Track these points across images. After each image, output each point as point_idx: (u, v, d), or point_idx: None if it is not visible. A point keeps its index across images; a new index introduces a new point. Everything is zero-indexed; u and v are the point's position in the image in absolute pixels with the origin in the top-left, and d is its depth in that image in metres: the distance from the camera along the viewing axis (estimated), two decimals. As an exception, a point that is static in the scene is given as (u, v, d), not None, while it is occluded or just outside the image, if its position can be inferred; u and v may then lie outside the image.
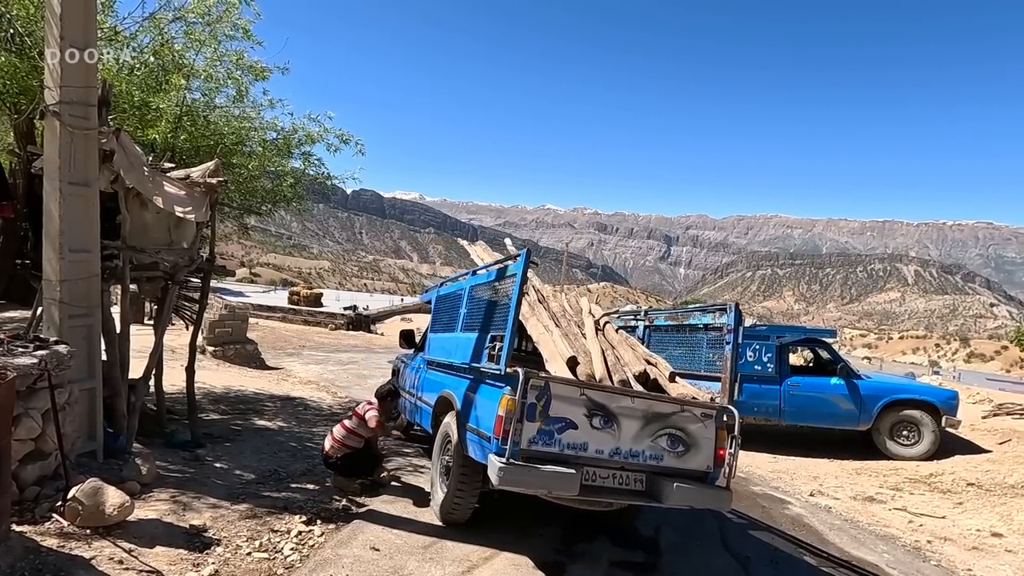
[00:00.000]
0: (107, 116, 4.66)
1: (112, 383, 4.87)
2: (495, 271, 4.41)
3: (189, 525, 3.68)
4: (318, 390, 10.41)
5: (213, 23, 6.72)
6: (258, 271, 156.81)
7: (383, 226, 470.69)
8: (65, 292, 4.32)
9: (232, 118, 6.90)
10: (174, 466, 4.85)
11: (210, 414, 7.21)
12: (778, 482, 7.17)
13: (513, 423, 3.38)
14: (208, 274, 5.91)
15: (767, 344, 8.62)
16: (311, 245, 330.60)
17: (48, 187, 4.29)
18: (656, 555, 4.36)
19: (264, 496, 4.50)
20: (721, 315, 4.36)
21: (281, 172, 7.23)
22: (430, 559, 3.70)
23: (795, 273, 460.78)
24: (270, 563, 3.39)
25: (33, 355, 3.56)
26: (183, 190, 5.25)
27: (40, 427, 3.66)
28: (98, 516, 3.26)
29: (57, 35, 4.19)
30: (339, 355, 16.56)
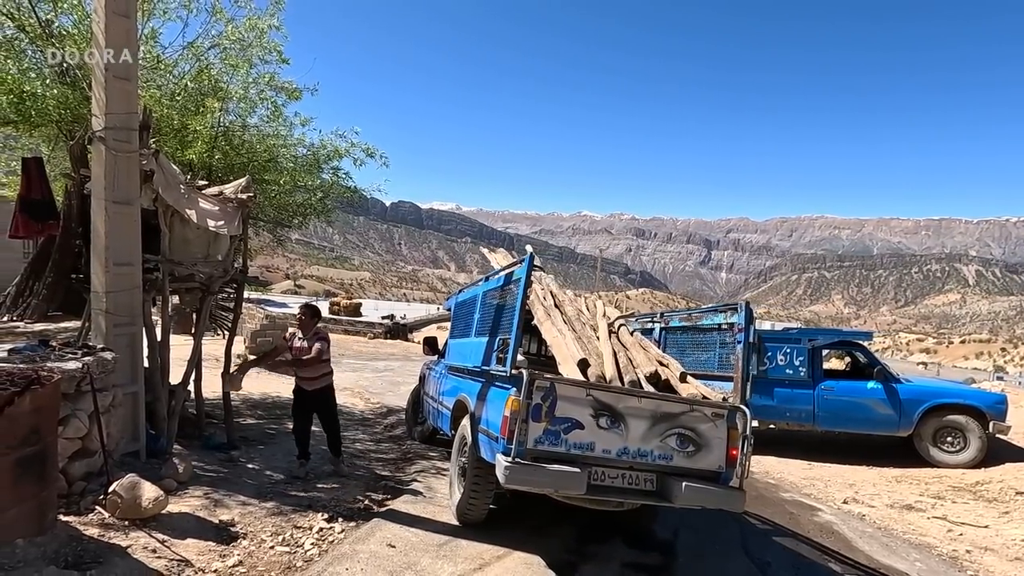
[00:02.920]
0: (148, 139, 5.02)
1: (154, 388, 5.21)
2: (503, 276, 4.52)
3: (219, 520, 3.91)
4: (352, 396, 10.71)
5: (247, 47, 7.13)
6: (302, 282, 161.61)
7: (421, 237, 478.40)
8: (110, 303, 4.67)
9: (264, 137, 7.29)
10: (210, 466, 5.13)
11: (247, 419, 7.56)
12: (810, 489, 6.98)
13: (518, 423, 3.46)
14: (241, 284, 6.24)
15: (799, 347, 8.40)
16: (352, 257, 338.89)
17: (95, 206, 4.67)
18: (670, 558, 4.34)
19: (291, 495, 4.73)
20: (732, 314, 4.33)
21: (310, 187, 7.59)
22: (443, 556, 3.81)
23: (844, 276, 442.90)
24: (291, 556, 3.57)
25: (79, 360, 3.87)
26: (216, 206, 5.59)
27: (87, 427, 3.97)
28: (135, 509, 3.51)
29: (103, 67, 4.58)
30: (375, 363, 16.97)
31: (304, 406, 5.41)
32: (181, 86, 6.46)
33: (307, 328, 5.48)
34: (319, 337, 5.45)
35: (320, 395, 5.41)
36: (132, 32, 4.79)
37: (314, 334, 5.48)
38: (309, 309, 5.68)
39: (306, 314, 5.54)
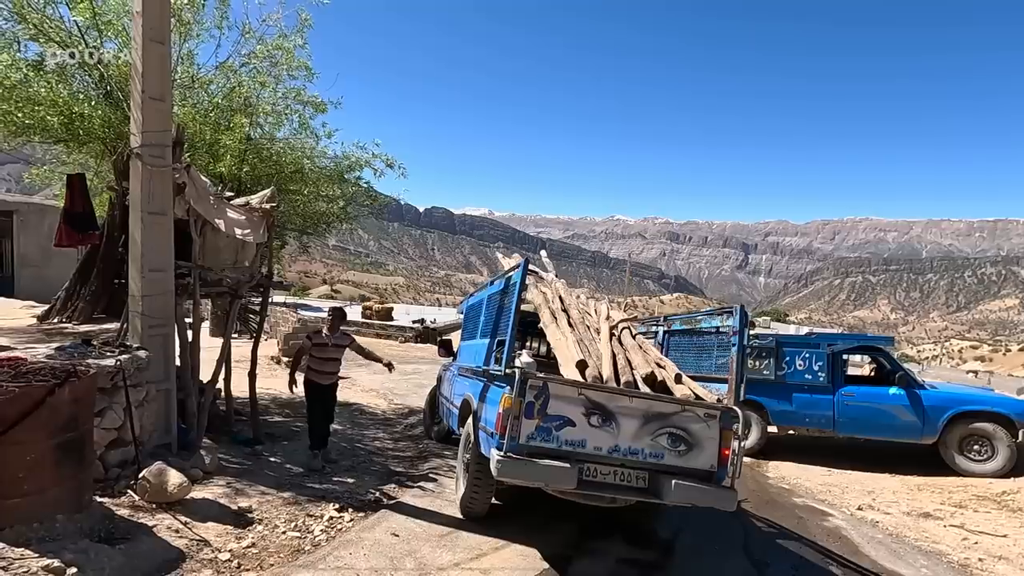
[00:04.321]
0: (181, 154, 5.44)
1: (185, 385, 5.60)
2: (503, 281, 4.72)
3: (238, 507, 4.22)
4: (377, 397, 11.07)
5: (276, 64, 7.57)
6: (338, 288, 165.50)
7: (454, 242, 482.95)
8: (145, 306, 5.08)
9: (291, 149, 7.71)
10: (234, 459, 5.49)
11: (275, 416, 7.95)
12: (825, 495, 6.90)
13: (511, 419, 3.65)
14: (267, 289, 6.63)
15: (817, 352, 8.30)
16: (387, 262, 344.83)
17: (132, 216, 5.09)
18: (667, 555, 4.44)
19: (307, 487, 5.02)
20: (728, 318, 4.42)
21: (333, 196, 7.97)
22: (443, 546, 4.02)
23: (891, 280, 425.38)
24: (300, 541, 3.85)
25: (115, 358, 4.26)
26: (243, 215, 5.98)
27: (122, 420, 4.35)
28: (162, 493, 3.85)
29: (139, 89, 5.00)
30: (404, 366, 17.32)
31: (318, 399, 5.75)
32: (213, 103, 6.92)
33: (334, 328, 5.92)
34: (345, 338, 6.01)
35: (331, 389, 5.90)
36: (166, 57, 5.21)
37: (342, 334, 6.01)
38: (337, 312, 6.14)
39: (334, 316, 6.00)
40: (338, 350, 5.90)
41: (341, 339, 5.95)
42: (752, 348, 8.55)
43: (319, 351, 5.80)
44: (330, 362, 5.86)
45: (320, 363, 5.82)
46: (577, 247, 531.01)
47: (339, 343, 5.91)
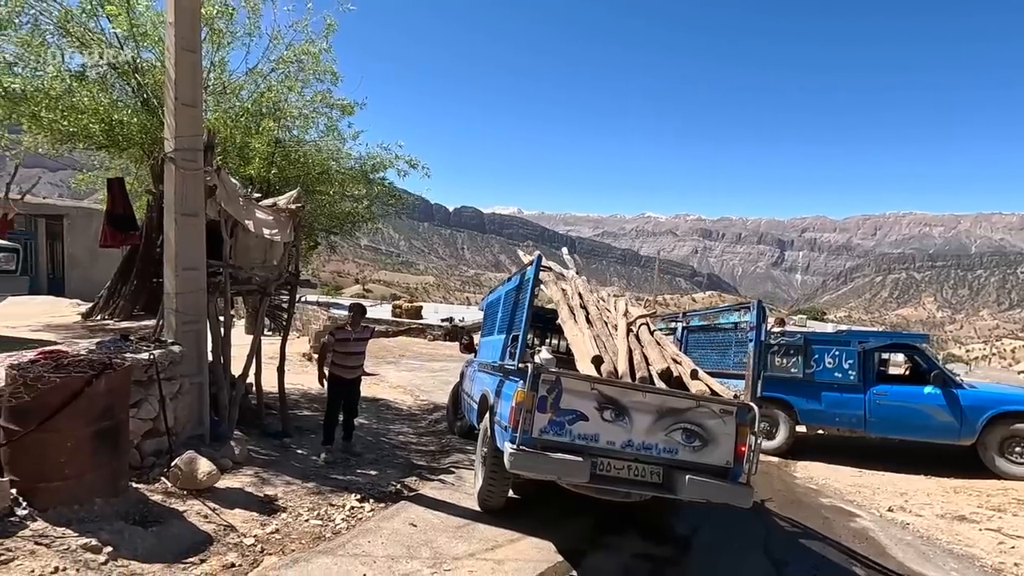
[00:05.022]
0: (212, 158, 5.66)
1: (217, 379, 5.84)
2: (517, 278, 4.77)
3: (264, 495, 4.40)
4: (403, 393, 11.27)
5: (303, 68, 7.79)
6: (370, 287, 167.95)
7: (483, 241, 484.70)
8: (179, 303, 5.32)
9: (317, 151, 7.93)
10: (264, 450, 5.70)
11: (304, 411, 8.19)
12: (855, 496, 6.73)
13: (523, 413, 3.70)
14: (294, 287, 6.84)
15: (848, 350, 8.08)
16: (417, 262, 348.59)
17: (166, 218, 5.34)
18: (684, 551, 4.43)
19: (331, 478, 5.19)
20: (745, 314, 4.37)
21: (358, 196, 8.16)
22: (459, 537, 4.11)
23: (936, 276, 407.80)
24: (322, 528, 3.99)
25: (150, 352, 4.48)
26: (271, 215, 6.19)
27: (157, 411, 4.58)
28: (192, 480, 4.04)
29: (172, 96, 5.24)
30: (432, 363, 17.60)
31: (340, 393, 5.94)
32: (243, 108, 7.17)
33: (356, 323, 6.17)
34: (367, 330, 6.32)
35: (355, 383, 6.12)
36: (197, 65, 5.44)
37: (363, 328, 6.27)
38: (357, 308, 6.41)
39: (355, 311, 6.29)
40: (360, 343, 6.13)
41: (363, 332, 6.20)
42: (780, 346, 8.40)
43: (342, 346, 6.01)
44: (353, 356, 6.08)
45: (343, 357, 6.03)
46: (607, 245, 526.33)
47: (361, 336, 6.16)
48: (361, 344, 6.19)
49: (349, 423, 6.29)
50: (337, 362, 6.04)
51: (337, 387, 6.02)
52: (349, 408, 6.23)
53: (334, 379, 6.02)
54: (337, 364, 6.05)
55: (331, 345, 6.09)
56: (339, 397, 6.04)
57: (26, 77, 6.04)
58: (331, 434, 6.06)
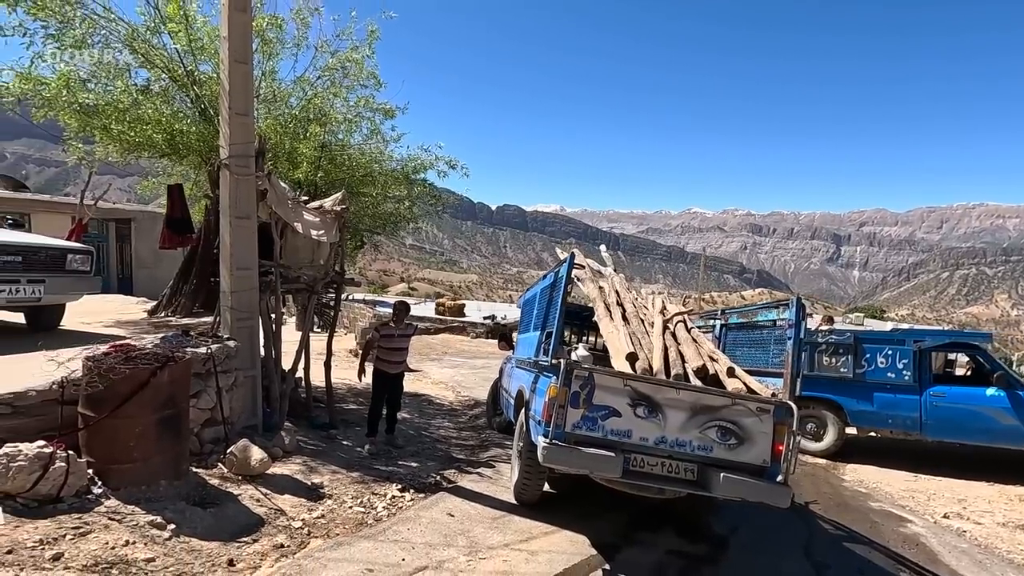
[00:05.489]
0: (263, 163, 5.98)
1: (269, 373, 6.17)
2: (552, 275, 4.83)
3: (311, 482, 4.64)
4: (445, 389, 11.51)
5: (348, 75, 8.08)
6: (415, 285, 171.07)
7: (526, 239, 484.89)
8: (234, 300, 5.65)
9: (361, 154, 8.21)
10: (311, 441, 5.98)
11: (350, 404, 8.51)
12: (907, 501, 6.46)
13: (556, 408, 3.78)
14: (340, 286, 7.13)
15: (902, 349, 7.74)
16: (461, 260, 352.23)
17: (222, 221, 5.68)
18: (720, 550, 4.39)
19: (374, 468, 5.40)
20: (784, 311, 4.29)
21: (399, 196, 8.41)
22: (495, 527, 4.22)
23: (1011, 272, 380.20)
24: (364, 515, 4.18)
25: (207, 347, 4.80)
26: (318, 217, 6.47)
27: (215, 401, 4.90)
28: (246, 466, 4.31)
29: (227, 106, 5.56)
30: (474, 360, 17.85)
31: (384, 388, 6.18)
32: (292, 115, 7.51)
33: (399, 320, 6.43)
34: (409, 327, 6.55)
35: (398, 377, 6.36)
36: (249, 75, 5.75)
37: (406, 325, 6.51)
38: (401, 304, 6.69)
39: (400, 309, 6.55)
40: (404, 340, 6.37)
41: (406, 329, 6.41)
42: (828, 344, 8.13)
43: (387, 342, 6.27)
44: (397, 351, 6.32)
45: (388, 353, 6.28)
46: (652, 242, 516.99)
47: (404, 333, 6.38)
48: (404, 340, 6.43)
49: (392, 416, 6.52)
50: (382, 357, 6.29)
51: (381, 381, 6.26)
52: (392, 402, 6.46)
53: (378, 374, 6.26)
54: (381, 359, 6.30)
55: (376, 341, 6.34)
56: (383, 391, 6.28)
57: (98, 93, 6.54)
58: (375, 426, 6.31)
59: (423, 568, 3.43)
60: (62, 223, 13.12)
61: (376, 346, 6.32)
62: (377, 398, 6.26)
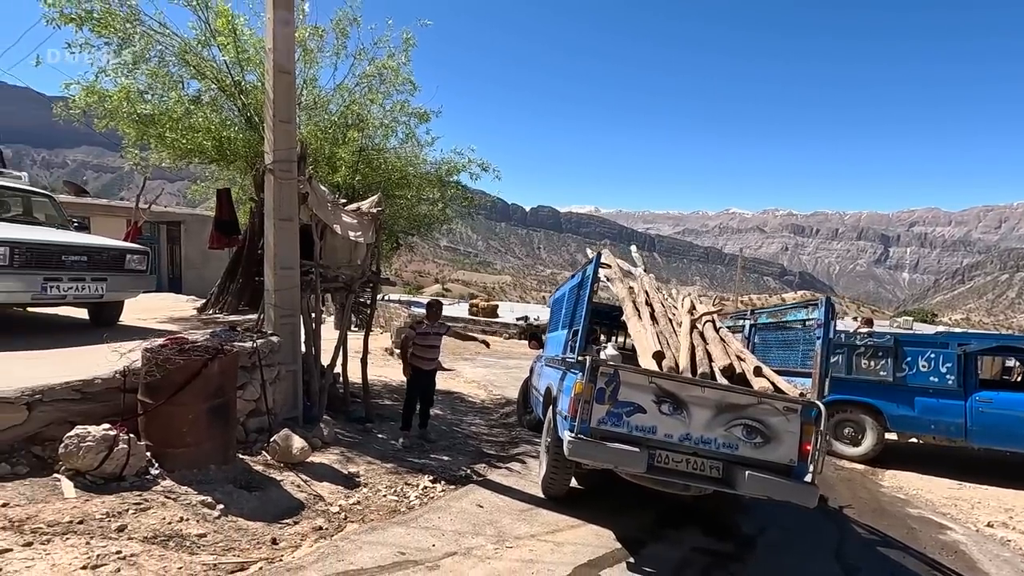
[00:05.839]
0: (304, 168, 6.27)
1: (309, 368, 6.46)
2: (579, 275, 4.92)
3: (348, 471, 4.86)
4: (477, 388, 11.70)
5: (384, 81, 8.35)
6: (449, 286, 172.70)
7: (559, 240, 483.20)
8: (277, 298, 5.95)
9: (396, 158, 8.48)
10: (348, 434, 6.23)
11: (385, 400, 8.77)
12: (949, 508, 6.27)
13: (581, 403, 3.88)
14: (376, 285, 7.39)
15: (946, 353, 7.50)
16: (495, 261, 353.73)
17: (266, 223, 5.99)
18: (747, 549, 4.39)
19: (407, 461, 5.60)
20: (813, 311, 4.27)
21: (433, 199, 8.64)
22: (522, 519, 4.35)
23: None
24: (397, 503, 4.37)
25: (253, 341, 5.09)
26: (355, 219, 6.73)
27: (259, 393, 5.18)
28: (287, 454, 4.56)
29: (271, 114, 5.86)
30: (507, 361, 18.02)
31: (418, 384, 6.40)
32: (331, 121, 7.82)
33: (434, 319, 6.68)
34: (442, 327, 6.75)
35: (432, 374, 6.58)
36: (292, 85, 6.04)
37: (439, 324, 6.73)
38: (435, 304, 6.96)
39: (434, 308, 6.85)
40: (438, 337, 6.61)
41: (439, 328, 6.62)
42: (866, 347, 7.94)
43: (422, 339, 6.51)
44: (431, 349, 6.56)
45: (423, 350, 6.51)
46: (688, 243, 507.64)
47: (438, 331, 6.60)
48: (437, 338, 6.65)
49: (425, 412, 6.73)
50: (417, 354, 6.53)
51: (416, 377, 6.49)
52: (425, 398, 6.68)
53: (413, 370, 6.50)
54: (416, 356, 6.53)
55: (412, 339, 6.58)
56: (417, 387, 6.51)
57: (154, 103, 6.98)
58: (409, 421, 6.53)
59: (452, 553, 3.58)
60: (118, 225, 13.93)
61: (413, 343, 6.56)
62: (412, 394, 6.49)
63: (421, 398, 6.63)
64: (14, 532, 2.81)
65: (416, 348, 6.55)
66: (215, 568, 2.97)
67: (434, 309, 6.80)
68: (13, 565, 2.55)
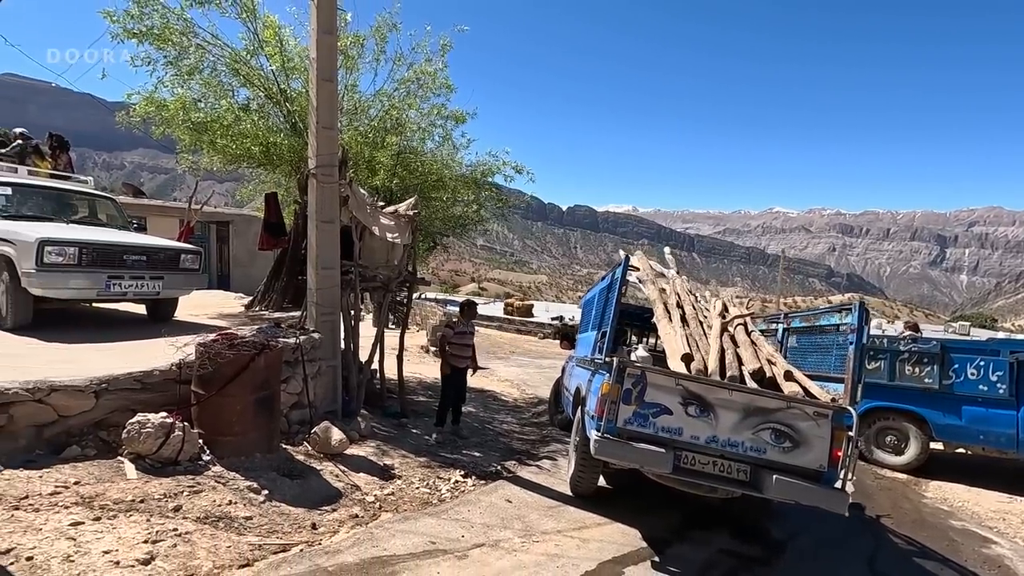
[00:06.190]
0: (345, 172, 6.53)
1: (348, 364, 6.73)
2: (608, 276, 4.98)
3: (383, 464, 5.07)
4: (511, 387, 11.84)
5: (422, 86, 8.58)
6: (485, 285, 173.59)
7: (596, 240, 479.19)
8: (319, 297, 6.23)
9: (433, 161, 8.70)
10: (384, 428, 6.46)
11: (419, 396, 9.01)
12: (996, 522, 6.04)
13: (608, 403, 3.95)
14: (412, 285, 7.62)
15: (996, 360, 7.18)
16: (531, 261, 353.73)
17: (309, 224, 6.28)
18: (775, 553, 4.37)
19: (440, 455, 5.78)
20: (847, 315, 4.22)
21: (468, 200, 8.83)
22: (550, 515, 4.45)
23: None
24: (429, 495, 4.55)
25: (296, 338, 5.36)
26: (392, 220, 6.97)
27: (302, 387, 5.46)
28: (327, 445, 4.80)
29: (314, 121, 6.15)
30: (541, 360, 18.13)
31: (453, 381, 6.60)
32: (371, 125, 8.10)
33: (470, 317, 6.96)
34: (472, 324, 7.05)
35: (464, 372, 6.79)
36: (334, 93, 6.32)
37: (471, 323, 6.99)
38: (470, 303, 7.25)
39: (469, 307, 7.15)
40: (471, 336, 6.79)
41: (472, 327, 6.82)
42: (911, 353, 7.69)
43: (459, 338, 6.72)
44: (467, 347, 6.75)
45: (459, 348, 6.73)
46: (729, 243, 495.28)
47: (471, 330, 6.81)
48: (471, 337, 6.85)
49: (458, 408, 6.92)
50: (454, 352, 6.73)
51: (451, 375, 6.69)
52: (458, 395, 6.87)
53: (449, 368, 6.70)
54: (453, 354, 6.73)
55: (449, 337, 6.78)
56: (452, 384, 6.71)
57: (207, 111, 7.40)
58: (443, 417, 6.72)
59: (480, 544, 3.72)
60: (171, 225, 14.69)
61: (450, 342, 6.76)
62: (446, 391, 6.69)
63: (454, 395, 6.82)
64: (85, 507, 3.11)
65: (453, 347, 6.75)
66: (260, 548, 3.19)
67: (468, 308, 6.99)
68: (85, 536, 2.83)
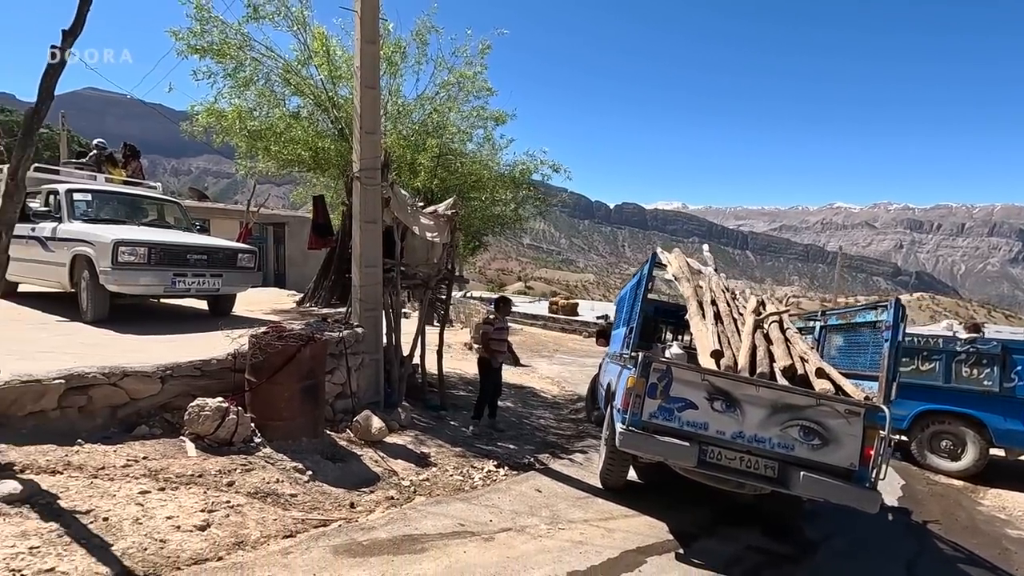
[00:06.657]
0: (387, 174, 6.84)
1: (390, 358, 7.04)
2: (638, 274, 5.04)
3: (420, 452, 5.32)
4: (551, 384, 11.96)
5: (463, 89, 8.84)
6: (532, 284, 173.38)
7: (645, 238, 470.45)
8: (362, 294, 6.55)
9: (472, 162, 8.95)
10: (423, 419, 6.74)
11: (459, 391, 9.27)
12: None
13: (633, 397, 4.03)
14: (450, 283, 7.87)
15: (1064, 362, 6.77)
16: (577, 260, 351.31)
17: (354, 225, 6.61)
18: (806, 552, 4.33)
19: (475, 447, 5.99)
20: (883, 312, 4.13)
21: (506, 200, 9.03)
22: (578, 506, 4.57)
23: None
24: (462, 483, 4.76)
25: (340, 332, 5.69)
26: (432, 220, 7.23)
27: (346, 378, 5.78)
28: (367, 433, 5.09)
29: (359, 126, 6.47)
30: (585, 359, 18.09)
31: (491, 375, 6.80)
32: (412, 128, 8.42)
33: (506, 312, 7.22)
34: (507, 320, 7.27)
35: (500, 367, 6.98)
36: (377, 99, 6.63)
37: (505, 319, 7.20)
38: (505, 299, 7.48)
39: (505, 303, 7.40)
40: (507, 331, 6.99)
41: (506, 322, 7.08)
42: (968, 354, 7.32)
43: (498, 333, 6.92)
44: (502, 342, 6.95)
45: (498, 344, 6.91)
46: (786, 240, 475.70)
47: (506, 326, 7.05)
48: (507, 332, 7.06)
49: (494, 402, 7.12)
50: (493, 348, 6.92)
51: (490, 369, 6.89)
52: (495, 388, 7.06)
53: (487, 363, 6.90)
54: (493, 350, 6.92)
55: (490, 333, 6.96)
56: (490, 378, 6.90)
57: (261, 120, 7.90)
58: (481, 411, 6.92)
59: (507, 529, 3.89)
60: (232, 227, 15.59)
61: (491, 338, 6.94)
62: (485, 385, 6.90)
63: (491, 389, 7.02)
64: (151, 479, 3.47)
65: (493, 342, 6.93)
66: (303, 523, 3.47)
67: (504, 304, 7.19)
68: (151, 503, 3.18)
